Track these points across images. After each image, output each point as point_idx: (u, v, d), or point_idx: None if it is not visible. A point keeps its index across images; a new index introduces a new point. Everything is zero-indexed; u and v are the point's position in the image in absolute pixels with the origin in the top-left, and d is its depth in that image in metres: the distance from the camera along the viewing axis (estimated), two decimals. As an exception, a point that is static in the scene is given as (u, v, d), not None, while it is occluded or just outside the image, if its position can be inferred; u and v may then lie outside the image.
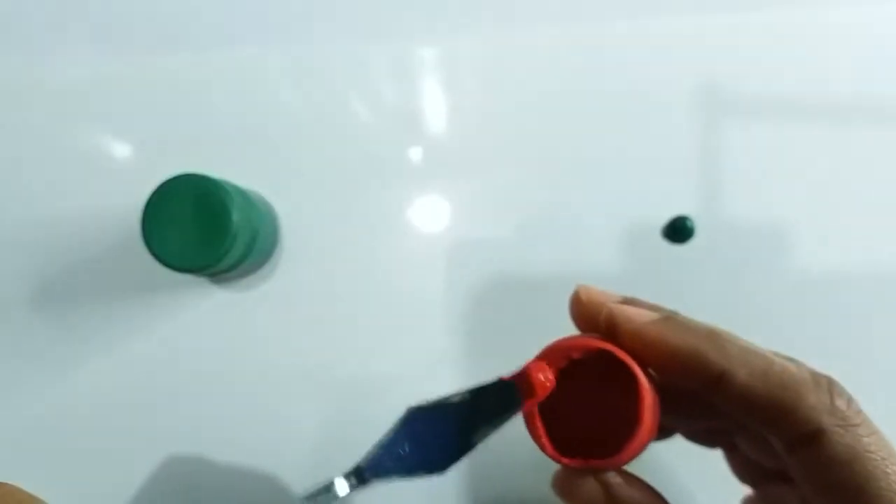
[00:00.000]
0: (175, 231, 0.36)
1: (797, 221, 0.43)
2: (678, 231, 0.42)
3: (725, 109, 0.43)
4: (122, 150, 0.44)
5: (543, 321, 0.43)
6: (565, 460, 0.24)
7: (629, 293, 0.42)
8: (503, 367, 0.42)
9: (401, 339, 0.43)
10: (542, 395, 0.24)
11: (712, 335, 0.23)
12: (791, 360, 0.23)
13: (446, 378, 0.42)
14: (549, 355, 0.25)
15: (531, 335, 0.43)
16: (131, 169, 0.44)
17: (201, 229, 0.36)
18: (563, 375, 0.24)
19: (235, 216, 0.36)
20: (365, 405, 0.42)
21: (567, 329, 0.43)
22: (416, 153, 0.44)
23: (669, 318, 0.23)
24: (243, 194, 0.39)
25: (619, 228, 0.43)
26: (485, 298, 0.43)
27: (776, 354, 0.23)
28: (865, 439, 0.21)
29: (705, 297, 0.43)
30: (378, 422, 0.42)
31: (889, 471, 0.20)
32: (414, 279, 0.43)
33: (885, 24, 0.44)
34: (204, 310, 0.43)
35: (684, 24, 0.44)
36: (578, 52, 0.44)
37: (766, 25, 0.44)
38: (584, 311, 0.26)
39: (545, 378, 0.24)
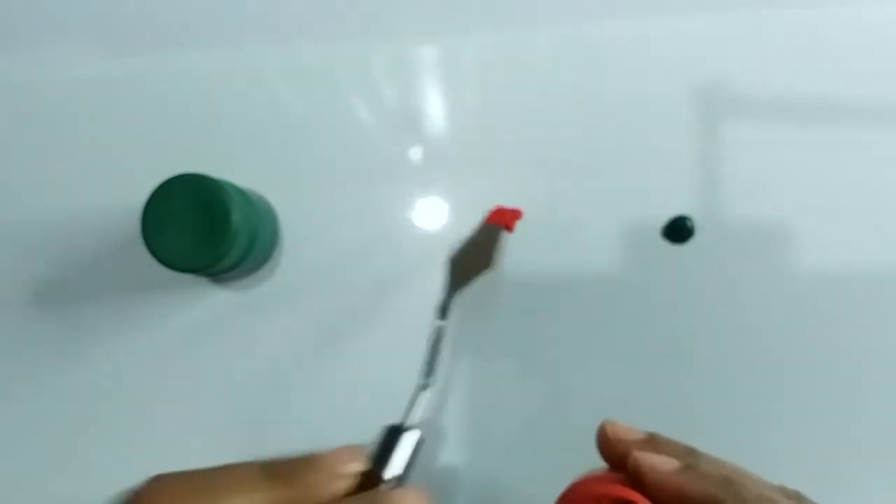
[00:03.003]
0: (175, 231, 0.36)
1: (797, 221, 0.43)
2: (678, 231, 0.42)
3: (725, 109, 0.43)
4: (122, 150, 0.44)
5: (543, 321, 0.43)
6: None
7: (629, 294, 0.43)
8: (503, 366, 0.43)
9: (401, 338, 0.43)
10: None
11: (728, 484, 0.24)
12: (800, 499, 0.25)
13: (446, 377, 0.42)
14: (578, 501, 0.27)
15: (531, 335, 0.43)
16: (131, 169, 0.44)
17: (201, 229, 0.36)
18: None
19: (235, 216, 0.36)
20: (365, 404, 0.42)
21: (567, 336, 0.43)
22: (416, 153, 0.44)
23: (689, 467, 0.25)
24: (243, 194, 0.39)
25: (619, 228, 0.43)
26: (485, 298, 0.43)
27: (787, 494, 0.25)
28: None
29: (705, 297, 0.43)
30: (378, 420, 0.42)
31: None
32: (414, 279, 0.43)
33: (885, 24, 0.44)
34: (204, 310, 0.43)
35: (684, 24, 0.44)
36: (578, 52, 0.44)
37: (767, 25, 0.44)
38: (611, 449, 0.28)
39: None
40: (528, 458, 0.42)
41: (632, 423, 0.30)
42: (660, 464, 0.26)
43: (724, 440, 0.42)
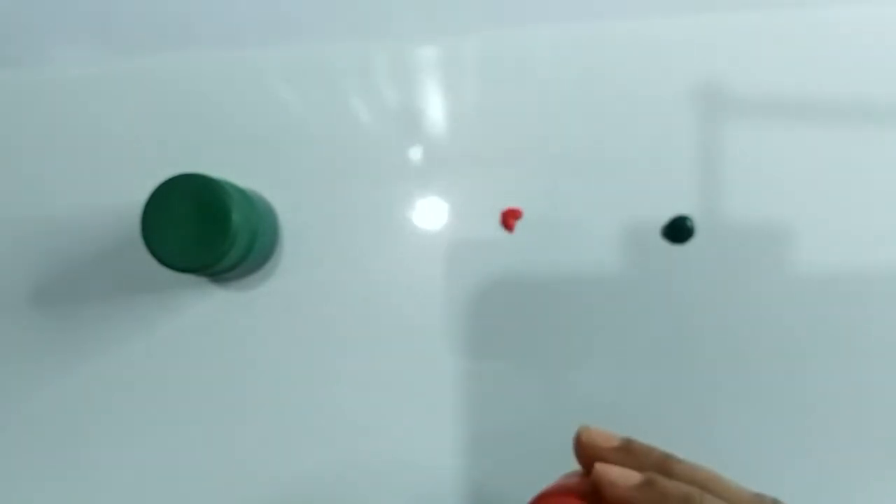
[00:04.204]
0: (175, 231, 0.36)
1: (797, 221, 0.43)
2: (678, 231, 0.42)
3: (725, 109, 0.43)
4: (122, 150, 0.44)
5: (543, 321, 0.43)
6: None
7: (629, 294, 0.43)
8: (503, 367, 0.43)
9: (400, 338, 0.43)
10: None
11: (687, 501, 0.24)
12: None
13: (446, 377, 0.43)
14: None
15: (531, 335, 0.43)
16: (131, 169, 0.44)
17: (201, 229, 0.36)
18: None
19: (235, 216, 0.36)
20: (365, 403, 0.43)
21: (568, 336, 0.43)
22: (416, 153, 0.44)
23: (650, 482, 0.25)
24: (243, 194, 0.39)
25: (619, 228, 0.43)
26: (485, 298, 0.43)
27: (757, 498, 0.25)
28: None
29: (705, 297, 0.43)
30: (378, 419, 0.43)
31: None
32: (414, 279, 0.43)
33: (886, 24, 0.44)
34: (204, 310, 0.43)
35: (684, 24, 0.44)
36: (578, 52, 0.44)
37: (766, 25, 0.44)
38: (585, 455, 0.28)
39: None
40: (527, 458, 0.42)
41: (631, 422, 0.30)
42: (619, 478, 0.25)
43: (723, 440, 0.42)
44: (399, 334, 0.43)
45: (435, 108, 0.44)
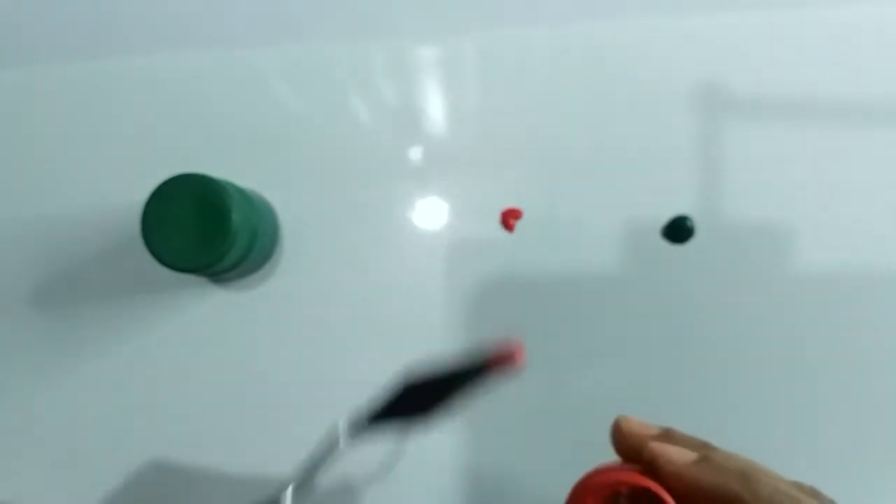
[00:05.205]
0: (175, 231, 0.36)
1: (797, 221, 0.43)
2: (678, 231, 0.42)
3: (725, 109, 0.43)
4: (122, 150, 0.44)
5: (544, 321, 0.43)
6: None
7: (629, 294, 0.43)
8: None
9: (400, 338, 0.43)
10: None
11: (745, 476, 0.24)
12: (815, 495, 0.25)
13: (446, 378, 0.42)
14: (597, 487, 0.27)
15: (531, 335, 0.43)
16: (131, 169, 0.44)
17: (201, 229, 0.36)
18: None
19: (235, 216, 0.36)
20: (363, 402, 0.42)
21: (568, 336, 0.43)
22: (416, 153, 0.44)
23: (706, 458, 0.25)
24: (243, 194, 0.39)
25: (619, 228, 0.43)
26: (485, 298, 0.43)
27: (802, 489, 0.25)
28: None
29: (705, 297, 0.43)
30: (378, 422, 0.42)
31: None
32: (414, 279, 0.43)
33: (886, 24, 0.44)
34: (204, 310, 0.43)
35: (684, 24, 0.44)
36: (578, 51, 0.44)
37: (766, 25, 0.44)
38: (626, 443, 0.28)
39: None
40: (529, 457, 0.42)
41: (632, 422, 0.30)
42: (676, 455, 0.26)
43: (722, 439, 0.42)
44: (399, 334, 0.43)
45: (435, 108, 0.44)
